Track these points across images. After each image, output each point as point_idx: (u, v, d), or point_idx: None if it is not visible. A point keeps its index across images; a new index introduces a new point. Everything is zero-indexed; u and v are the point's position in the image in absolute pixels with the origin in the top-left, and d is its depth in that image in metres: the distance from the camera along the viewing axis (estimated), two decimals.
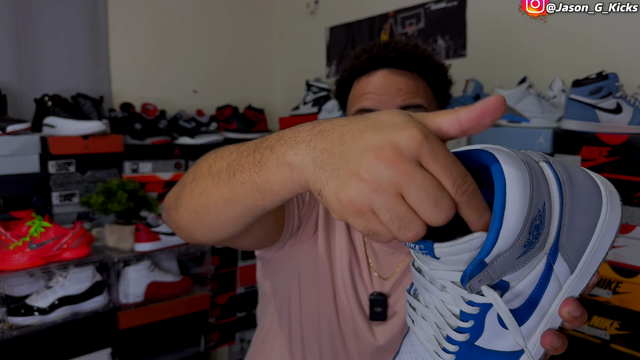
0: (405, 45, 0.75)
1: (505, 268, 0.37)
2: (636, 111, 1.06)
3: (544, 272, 0.40)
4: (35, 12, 1.81)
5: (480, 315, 0.40)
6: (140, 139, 1.77)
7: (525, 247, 0.37)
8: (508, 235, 0.34)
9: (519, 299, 0.40)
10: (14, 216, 1.52)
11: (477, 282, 0.36)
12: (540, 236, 0.37)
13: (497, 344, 0.42)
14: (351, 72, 0.77)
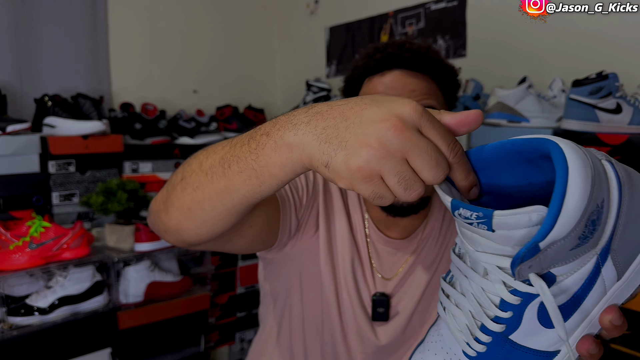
0: (419, 47, 0.75)
1: (557, 258, 0.36)
2: (636, 111, 1.06)
3: (591, 272, 0.38)
4: (36, 12, 1.81)
5: (521, 307, 0.39)
6: (140, 139, 1.77)
7: (580, 240, 0.36)
8: (566, 222, 0.34)
9: (564, 296, 0.39)
10: (14, 216, 1.52)
11: (527, 267, 0.35)
12: (596, 232, 0.37)
13: (531, 341, 0.40)
14: (363, 70, 0.77)
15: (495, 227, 0.36)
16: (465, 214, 0.36)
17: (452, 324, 0.43)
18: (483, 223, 0.36)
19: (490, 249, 0.38)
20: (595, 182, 0.35)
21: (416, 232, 0.83)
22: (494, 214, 0.35)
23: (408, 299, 0.81)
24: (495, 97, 1.20)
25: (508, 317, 0.39)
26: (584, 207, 0.34)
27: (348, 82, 0.82)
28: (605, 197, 0.36)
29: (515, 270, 0.36)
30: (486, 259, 0.38)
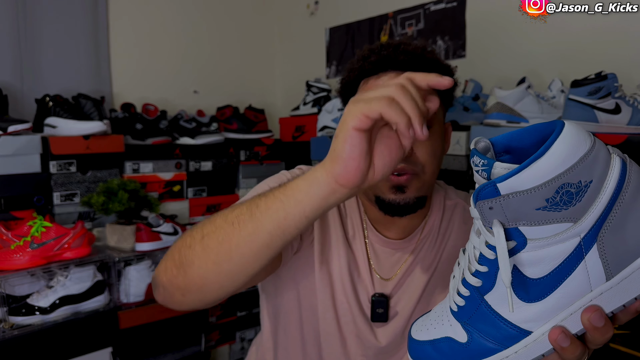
0: (415, 48, 0.75)
1: (520, 212, 0.38)
2: (635, 111, 1.06)
3: (572, 254, 0.39)
4: (37, 13, 1.82)
5: (495, 264, 0.41)
6: (141, 139, 1.77)
7: (548, 204, 0.38)
8: (531, 175, 0.37)
9: (540, 268, 0.40)
10: (15, 216, 1.52)
11: (487, 208, 0.38)
12: (571, 206, 0.38)
13: (505, 309, 0.42)
14: (359, 72, 0.77)
15: (492, 176, 0.39)
16: (476, 160, 0.40)
17: (451, 283, 0.47)
18: (485, 170, 0.39)
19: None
20: (586, 162, 0.37)
21: (415, 232, 0.83)
22: (495, 163, 0.39)
23: (407, 299, 0.81)
24: (494, 97, 1.20)
25: (484, 272, 0.42)
26: (557, 173, 0.37)
27: (344, 85, 0.82)
28: (594, 180, 0.38)
29: (476, 206, 0.39)
30: (474, 212, 0.42)
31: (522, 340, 0.43)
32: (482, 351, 0.44)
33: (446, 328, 0.46)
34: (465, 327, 0.45)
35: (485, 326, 0.43)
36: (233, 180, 2.03)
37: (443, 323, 0.47)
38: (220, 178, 1.97)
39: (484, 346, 0.44)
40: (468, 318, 0.45)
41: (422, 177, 0.73)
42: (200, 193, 1.92)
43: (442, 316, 0.48)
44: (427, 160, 0.72)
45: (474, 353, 0.44)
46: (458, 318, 0.45)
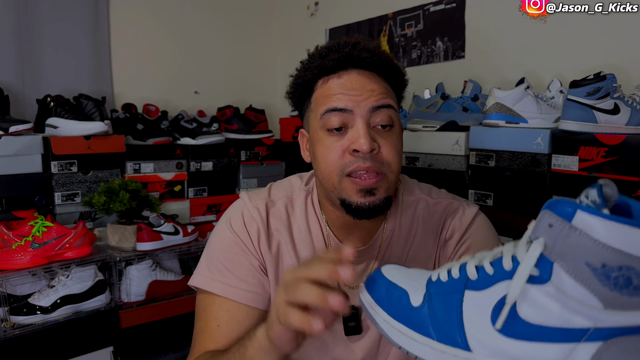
0: (374, 47, 0.74)
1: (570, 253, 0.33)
2: (634, 111, 1.06)
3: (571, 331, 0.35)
4: (38, 14, 1.83)
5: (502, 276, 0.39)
6: (142, 140, 1.78)
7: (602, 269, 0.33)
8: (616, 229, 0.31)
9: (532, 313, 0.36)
10: (16, 216, 1.53)
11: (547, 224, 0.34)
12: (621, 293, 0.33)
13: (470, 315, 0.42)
14: (318, 70, 0.74)
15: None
16: (592, 195, 0.35)
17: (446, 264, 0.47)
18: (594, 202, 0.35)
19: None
20: None
21: (376, 236, 0.80)
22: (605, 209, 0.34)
23: None
24: (493, 98, 1.21)
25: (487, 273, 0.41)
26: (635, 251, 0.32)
27: (298, 85, 0.79)
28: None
29: (539, 216, 0.35)
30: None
31: (457, 349, 0.40)
32: (420, 325, 0.43)
33: (413, 285, 0.46)
34: (426, 295, 0.44)
35: (442, 309, 0.42)
36: (233, 180, 2.04)
37: (412, 279, 0.47)
38: (221, 178, 1.97)
39: (425, 324, 0.43)
40: (436, 293, 0.44)
41: (389, 176, 0.71)
42: (201, 193, 1.93)
43: (416, 275, 0.48)
44: (392, 158, 0.71)
45: (413, 321, 0.43)
46: (428, 285, 0.45)
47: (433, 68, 1.77)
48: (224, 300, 0.75)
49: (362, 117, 0.69)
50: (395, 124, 0.73)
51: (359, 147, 0.68)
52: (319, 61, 0.75)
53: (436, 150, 1.36)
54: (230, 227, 0.80)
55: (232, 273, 0.76)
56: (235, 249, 0.78)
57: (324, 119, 0.72)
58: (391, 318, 0.45)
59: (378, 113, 0.70)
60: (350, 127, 0.70)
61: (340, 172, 0.70)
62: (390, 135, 0.72)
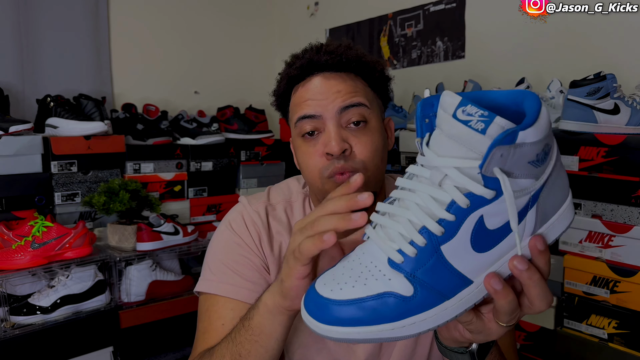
0: (337, 47, 0.74)
1: (516, 163, 0.40)
2: (634, 111, 1.06)
3: (522, 209, 0.42)
4: (38, 14, 1.83)
5: (465, 213, 0.41)
6: (142, 140, 1.78)
7: (536, 158, 0.40)
8: (539, 128, 0.39)
9: (498, 219, 0.42)
10: (16, 216, 1.53)
11: (498, 156, 0.39)
12: (541, 165, 0.41)
13: (457, 260, 0.43)
14: (287, 80, 0.75)
15: (489, 130, 0.39)
16: (471, 110, 0.40)
17: (380, 237, 0.45)
18: (483, 122, 0.39)
19: (457, 153, 0.42)
20: (550, 128, 0.42)
21: None
22: (497, 117, 0.39)
23: None
24: None
25: (450, 221, 0.42)
26: (545, 132, 0.40)
27: (277, 97, 0.80)
28: (551, 146, 0.43)
29: (489, 156, 0.39)
30: (450, 162, 0.42)
31: (464, 290, 0.43)
32: (425, 304, 0.43)
33: (383, 282, 0.43)
34: (411, 279, 0.42)
35: (435, 278, 0.42)
36: (233, 180, 2.04)
37: (376, 277, 0.43)
38: (221, 178, 1.97)
39: (428, 299, 0.43)
40: (417, 269, 0.42)
41: (365, 174, 0.68)
42: (200, 193, 1.93)
43: (369, 270, 0.44)
44: (367, 156, 0.70)
45: (417, 307, 0.42)
46: (401, 270, 0.43)
47: (433, 68, 1.77)
48: (227, 300, 0.75)
49: (332, 120, 0.70)
50: (371, 120, 0.72)
51: (330, 150, 0.68)
52: (287, 70, 0.76)
53: None
54: (232, 229, 0.80)
55: (237, 273, 0.76)
56: (238, 250, 0.78)
57: (298, 127, 0.73)
58: (391, 323, 0.42)
59: (347, 113, 0.70)
60: (322, 132, 0.71)
61: (321, 176, 0.71)
62: (365, 133, 0.71)
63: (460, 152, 0.41)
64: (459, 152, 0.41)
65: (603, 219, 1.07)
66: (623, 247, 1.05)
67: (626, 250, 1.04)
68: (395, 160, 1.51)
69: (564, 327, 1.14)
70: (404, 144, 1.46)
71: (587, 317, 1.10)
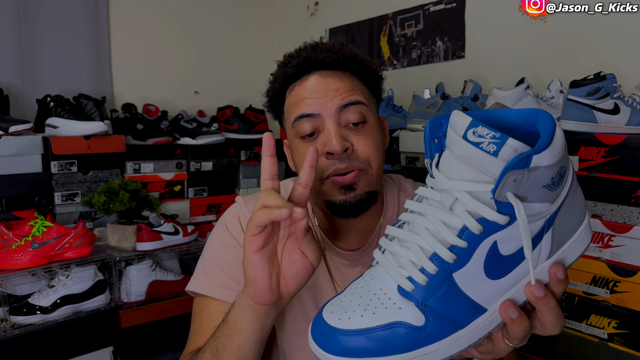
0: (333, 45, 0.73)
1: (531, 188, 0.38)
2: (634, 111, 1.06)
3: (537, 233, 0.40)
4: (38, 14, 1.83)
5: (477, 240, 0.40)
6: (141, 140, 1.78)
7: (551, 182, 0.39)
8: (549, 154, 0.37)
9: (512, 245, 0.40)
10: (16, 216, 1.53)
11: (512, 180, 0.37)
12: (556, 188, 0.40)
13: (470, 287, 0.41)
14: (283, 80, 0.74)
15: (501, 153, 0.38)
16: (482, 132, 0.39)
17: (390, 263, 0.43)
18: (495, 144, 0.38)
19: (469, 176, 0.40)
20: (566, 149, 0.41)
21: (372, 237, 0.79)
22: (509, 139, 0.38)
23: None
24: (493, 97, 1.21)
25: (463, 247, 0.40)
26: (561, 155, 0.39)
27: (271, 97, 0.78)
28: (567, 168, 0.41)
29: (502, 181, 0.37)
30: (461, 186, 0.40)
31: (478, 318, 0.42)
32: (437, 334, 0.41)
33: (393, 311, 0.41)
34: (422, 308, 0.41)
35: (447, 307, 0.41)
36: (233, 180, 2.04)
37: (386, 306, 0.42)
38: (221, 178, 1.98)
39: (440, 329, 0.41)
40: (428, 298, 0.41)
41: (369, 171, 0.70)
42: (200, 193, 1.93)
43: (378, 298, 0.42)
44: (370, 154, 0.70)
45: (429, 337, 0.41)
46: (412, 298, 0.41)
47: (433, 68, 1.77)
48: (220, 302, 0.74)
49: (331, 118, 0.69)
50: (369, 119, 0.72)
51: (331, 149, 0.67)
52: (282, 70, 0.75)
53: None
54: (227, 230, 0.80)
55: (230, 276, 0.76)
56: (233, 252, 0.78)
57: (295, 127, 0.71)
58: (402, 354, 0.41)
59: (347, 111, 0.69)
60: (321, 131, 0.70)
61: (320, 177, 0.70)
62: (364, 131, 0.70)
63: (471, 175, 0.40)
64: (470, 176, 0.40)
65: (603, 219, 1.07)
66: (623, 247, 1.05)
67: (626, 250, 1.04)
68: (395, 160, 1.51)
69: (564, 327, 1.14)
70: (404, 144, 1.46)
71: (587, 317, 1.10)
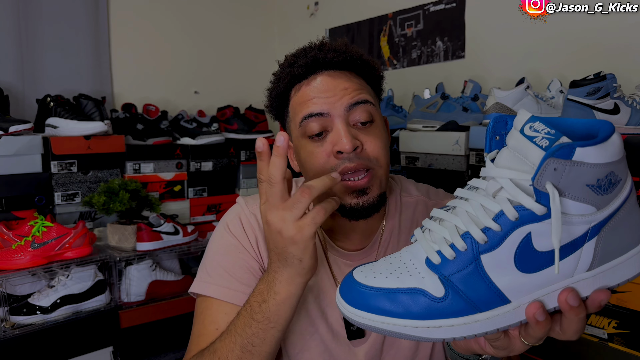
0: (339, 45, 0.73)
1: (573, 183, 0.38)
2: (634, 111, 1.06)
3: (579, 238, 0.40)
4: (38, 14, 1.83)
5: (512, 227, 0.40)
6: (141, 140, 1.78)
7: (597, 184, 0.39)
8: (598, 153, 0.38)
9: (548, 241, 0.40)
10: (16, 216, 1.53)
11: (552, 169, 0.38)
12: (605, 194, 0.40)
13: (497, 273, 0.42)
14: (289, 79, 0.73)
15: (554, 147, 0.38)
16: (539, 127, 0.40)
17: (426, 239, 0.45)
18: (547, 139, 0.39)
19: (516, 166, 0.41)
20: (624, 161, 0.41)
21: (375, 238, 0.79)
22: (563, 137, 0.39)
23: None
24: (493, 97, 1.21)
25: (496, 231, 0.41)
26: (612, 159, 0.39)
27: (274, 97, 0.77)
28: (622, 179, 0.41)
29: (541, 167, 0.38)
30: (505, 173, 0.41)
31: (499, 307, 0.42)
32: (454, 310, 0.42)
33: (416, 279, 0.43)
34: (444, 281, 0.42)
35: (469, 286, 0.42)
36: (233, 180, 2.04)
37: (410, 274, 0.44)
38: (221, 178, 1.97)
39: (458, 305, 0.42)
40: (452, 273, 0.42)
41: (379, 172, 0.70)
42: (200, 193, 1.93)
43: (406, 266, 0.45)
44: (379, 152, 0.70)
45: (445, 310, 0.42)
46: (437, 270, 0.43)
47: (433, 68, 1.77)
48: (222, 303, 0.74)
49: (340, 117, 0.69)
50: (376, 118, 0.72)
51: (342, 148, 0.67)
52: (288, 70, 0.74)
53: (436, 150, 1.36)
54: (229, 231, 0.79)
55: (232, 276, 0.76)
56: (235, 252, 0.78)
57: (303, 127, 0.71)
58: (417, 321, 0.42)
59: (356, 110, 0.69)
60: (330, 130, 0.69)
61: None
62: (372, 130, 0.71)
63: (519, 165, 0.41)
64: (517, 165, 0.41)
65: None
66: None
67: None
68: (395, 160, 1.50)
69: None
70: (404, 144, 1.46)
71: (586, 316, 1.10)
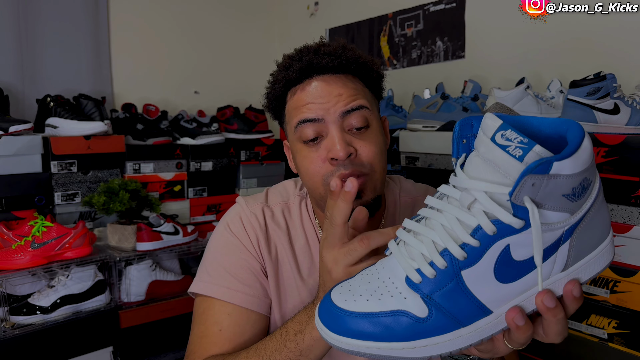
0: (336, 49, 0.72)
1: (550, 195, 0.38)
2: (634, 111, 1.06)
3: (554, 243, 0.40)
4: (38, 14, 1.83)
5: (490, 241, 0.40)
6: (141, 140, 1.78)
7: (572, 192, 0.39)
8: (573, 164, 0.37)
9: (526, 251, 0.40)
10: (16, 216, 1.53)
11: (530, 185, 0.37)
12: (578, 200, 0.40)
13: (478, 288, 0.41)
14: (284, 83, 0.73)
15: (527, 158, 0.38)
16: (511, 135, 0.40)
17: (402, 254, 0.44)
18: (521, 148, 0.39)
19: (490, 177, 0.40)
20: (593, 162, 0.40)
21: None
22: (536, 146, 0.38)
23: None
24: (493, 97, 1.21)
25: (474, 246, 0.40)
26: (585, 166, 0.38)
27: (272, 100, 0.77)
28: (593, 181, 0.41)
29: (519, 183, 0.37)
30: (480, 186, 0.41)
31: (482, 319, 0.42)
32: (438, 327, 0.42)
33: (397, 300, 0.42)
34: (427, 300, 0.42)
35: (452, 302, 0.42)
36: (233, 180, 2.04)
37: (392, 294, 0.43)
38: (221, 178, 1.97)
39: (442, 322, 0.42)
40: (435, 291, 0.42)
41: (373, 176, 0.69)
42: (200, 193, 1.93)
43: (385, 286, 0.44)
44: (373, 158, 0.69)
45: (430, 329, 0.42)
46: (419, 290, 0.42)
47: (433, 68, 1.77)
48: (224, 303, 0.74)
49: (335, 124, 0.68)
50: (372, 123, 0.71)
51: (335, 155, 0.66)
52: (284, 74, 0.73)
53: (436, 150, 1.36)
54: (230, 231, 0.79)
55: (234, 277, 0.75)
56: (236, 252, 0.77)
57: (298, 131, 0.70)
58: (402, 343, 0.42)
59: (350, 116, 0.69)
60: (325, 136, 0.69)
61: (324, 182, 0.69)
62: (367, 135, 0.70)
63: (493, 176, 0.40)
64: (492, 177, 0.40)
65: None
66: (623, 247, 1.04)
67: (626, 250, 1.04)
68: (395, 160, 1.51)
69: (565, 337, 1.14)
70: (404, 144, 1.46)
71: (587, 317, 1.10)
